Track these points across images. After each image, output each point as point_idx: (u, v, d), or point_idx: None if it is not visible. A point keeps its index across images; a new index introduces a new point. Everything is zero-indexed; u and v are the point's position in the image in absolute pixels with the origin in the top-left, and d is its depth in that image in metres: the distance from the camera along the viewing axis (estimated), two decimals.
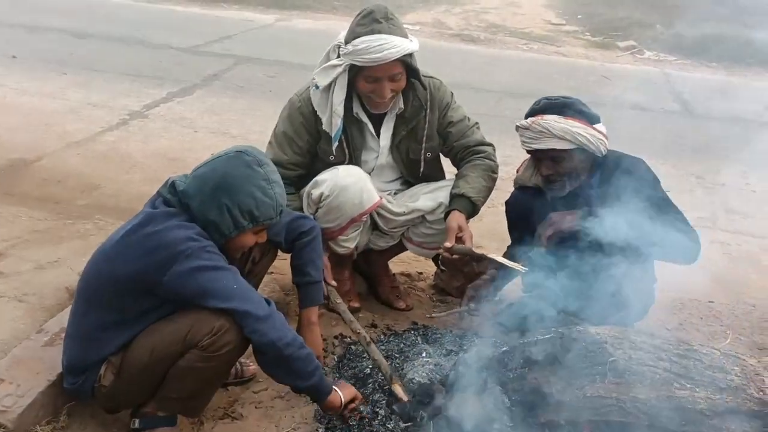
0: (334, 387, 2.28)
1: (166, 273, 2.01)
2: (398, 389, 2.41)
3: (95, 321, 2.13)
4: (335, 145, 2.85)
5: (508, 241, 3.02)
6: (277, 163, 2.84)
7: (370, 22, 2.65)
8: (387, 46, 2.60)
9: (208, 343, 2.06)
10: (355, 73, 2.72)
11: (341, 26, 2.77)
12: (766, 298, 3.66)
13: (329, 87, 2.76)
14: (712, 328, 3.32)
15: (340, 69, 2.71)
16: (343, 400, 2.28)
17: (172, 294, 2.06)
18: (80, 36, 8.36)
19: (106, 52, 7.74)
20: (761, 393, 2.20)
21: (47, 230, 3.56)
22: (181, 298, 2.07)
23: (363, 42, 2.62)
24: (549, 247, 2.62)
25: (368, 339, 2.56)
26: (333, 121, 2.80)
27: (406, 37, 2.68)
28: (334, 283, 2.73)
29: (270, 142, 2.97)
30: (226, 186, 2.08)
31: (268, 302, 2.14)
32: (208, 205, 2.08)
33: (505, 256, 2.85)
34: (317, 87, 2.78)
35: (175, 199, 2.12)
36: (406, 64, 2.72)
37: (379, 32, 2.62)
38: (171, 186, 2.15)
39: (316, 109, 2.82)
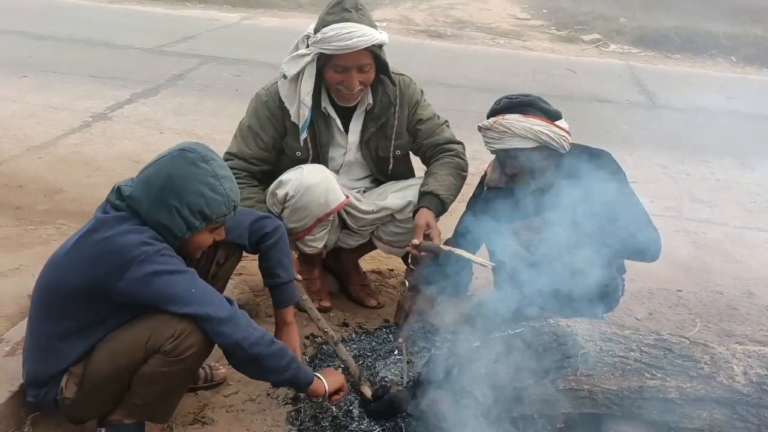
0: (318, 375, 2.26)
1: (121, 279, 1.95)
2: (366, 390, 2.40)
3: (52, 331, 2.07)
4: (303, 136, 2.81)
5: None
6: (241, 158, 2.83)
7: (339, 11, 2.63)
8: (356, 33, 2.59)
9: (171, 348, 2.01)
10: (323, 63, 2.69)
11: (307, 24, 2.76)
12: (732, 285, 3.74)
13: (297, 77, 2.73)
14: (681, 317, 3.37)
15: (308, 58, 2.69)
16: (327, 389, 2.27)
17: (129, 299, 2.01)
18: (39, 38, 8.19)
19: (67, 54, 7.59)
20: (730, 380, 2.23)
21: (8, 237, 3.47)
22: (139, 303, 2.02)
23: (332, 30, 2.60)
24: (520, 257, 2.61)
25: (336, 338, 2.54)
26: (301, 112, 2.77)
27: (375, 28, 2.67)
28: (299, 277, 2.69)
29: (235, 135, 2.93)
30: (172, 186, 2.01)
31: (230, 302, 2.09)
32: (157, 208, 2.02)
33: (452, 239, 2.88)
34: (285, 77, 2.75)
35: (123, 204, 2.06)
36: (376, 56, 2.69)
37: (349, 20, 2.60)
38: (117, 191, 2.09)
39: (284, 100, 2.79)
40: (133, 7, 10.71)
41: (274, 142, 2.89)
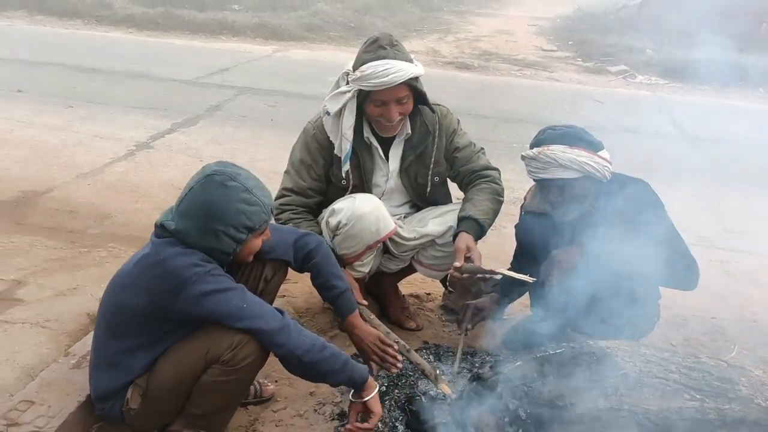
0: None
1: (177, 300, 2.07)
2: (444, 387, 2.52)
3: (118, 347, 2.20)
4: (345, 168, 2.93)
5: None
6: (297, 191, 2.93)
7: (375, 48, 2.76)
8: (392, 70, 2.70)
9: (229, 357, 2.12)
10: (363, 98, 2.82)
11: (336, 56, 2.94)
12: (767, 313, 3.73)
13: (340, 113, 2.86)
14: (717, 344, 3.37)
15: (349, 95, 2.82)
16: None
17: (186, 317, 2.13)
18: (84, 70, 8.50)
19: (110, 86, 7.87)
20: None
21: (63, 258, 3.62)
22: (196, 319, 2.15)
23: (369, 67, 2.72)
24: (559, 283, 2.69)
25: (408, 347, 2.63)
26: (343, 146, 2.90)
27: (411, 62, 2.79)
28: (365, 302, 2.78)
29: (287, 171, 3.04)
30: (211, 213, 2.11)
31: (281, 312, 2.18)
32: (204, 235, 2.13)
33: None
34: (328, 114, 2.88)
35: (168, 234, 2.17)
36: (413, 87, 2.81)
37: (385, 57, 2.72)
38: (161, 227, 2.18)
39: (329, 134, 2.92)
40: (171, 41, 11.07)
41: (325, 172, 3.00)
